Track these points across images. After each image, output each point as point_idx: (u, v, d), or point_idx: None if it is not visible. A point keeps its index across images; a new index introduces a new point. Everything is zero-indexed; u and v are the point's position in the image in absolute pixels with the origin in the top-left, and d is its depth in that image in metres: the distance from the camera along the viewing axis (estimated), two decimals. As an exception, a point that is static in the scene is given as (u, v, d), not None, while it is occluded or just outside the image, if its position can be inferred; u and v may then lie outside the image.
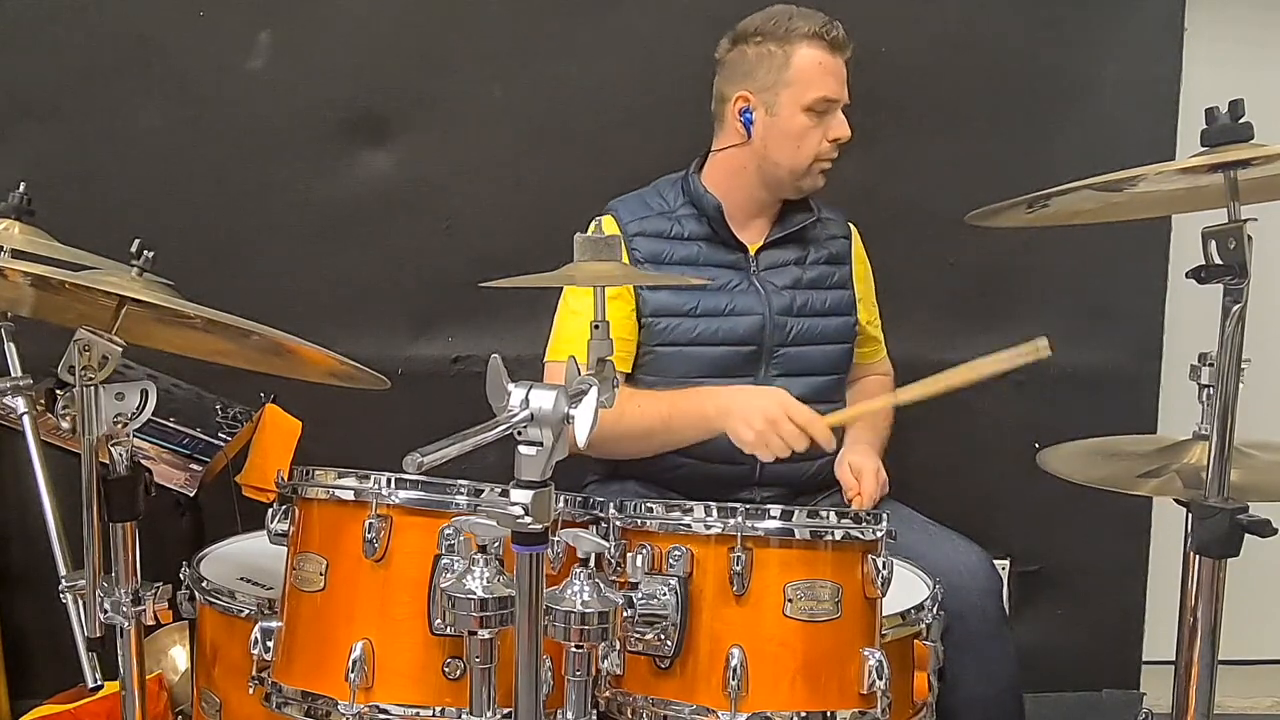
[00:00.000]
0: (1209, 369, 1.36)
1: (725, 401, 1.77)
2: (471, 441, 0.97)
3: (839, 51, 1.88)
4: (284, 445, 2.06)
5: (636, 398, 1.84)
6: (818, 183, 1.94)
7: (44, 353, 1.70)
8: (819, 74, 1.87)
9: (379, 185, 2.29)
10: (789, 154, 1.91)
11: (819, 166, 1.92)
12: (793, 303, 1.95)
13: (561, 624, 1.19)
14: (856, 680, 1.34)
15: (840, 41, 1.88)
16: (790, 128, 1.89)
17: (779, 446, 1.69)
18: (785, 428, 1.69)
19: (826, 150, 1.90)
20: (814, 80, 1.87)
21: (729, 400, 1.77)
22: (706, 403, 1.79)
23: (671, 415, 1.82)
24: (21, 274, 1.36)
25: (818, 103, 1.87)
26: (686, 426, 1.81)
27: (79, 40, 2.20)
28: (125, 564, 1.38)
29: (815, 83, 1.87)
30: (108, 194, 2.23)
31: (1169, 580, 1.62)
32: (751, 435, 1.70)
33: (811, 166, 1.91)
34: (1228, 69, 2.42)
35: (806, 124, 1.88)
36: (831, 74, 1.88)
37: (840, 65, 1.89)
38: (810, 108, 1.87)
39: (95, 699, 1.92)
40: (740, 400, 1.76)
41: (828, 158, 1.92)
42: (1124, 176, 1.27)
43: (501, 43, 2.28)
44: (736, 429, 1.72)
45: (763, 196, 1.96)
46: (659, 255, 1.91)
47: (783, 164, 1.92)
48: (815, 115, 1.88)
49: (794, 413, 1.71)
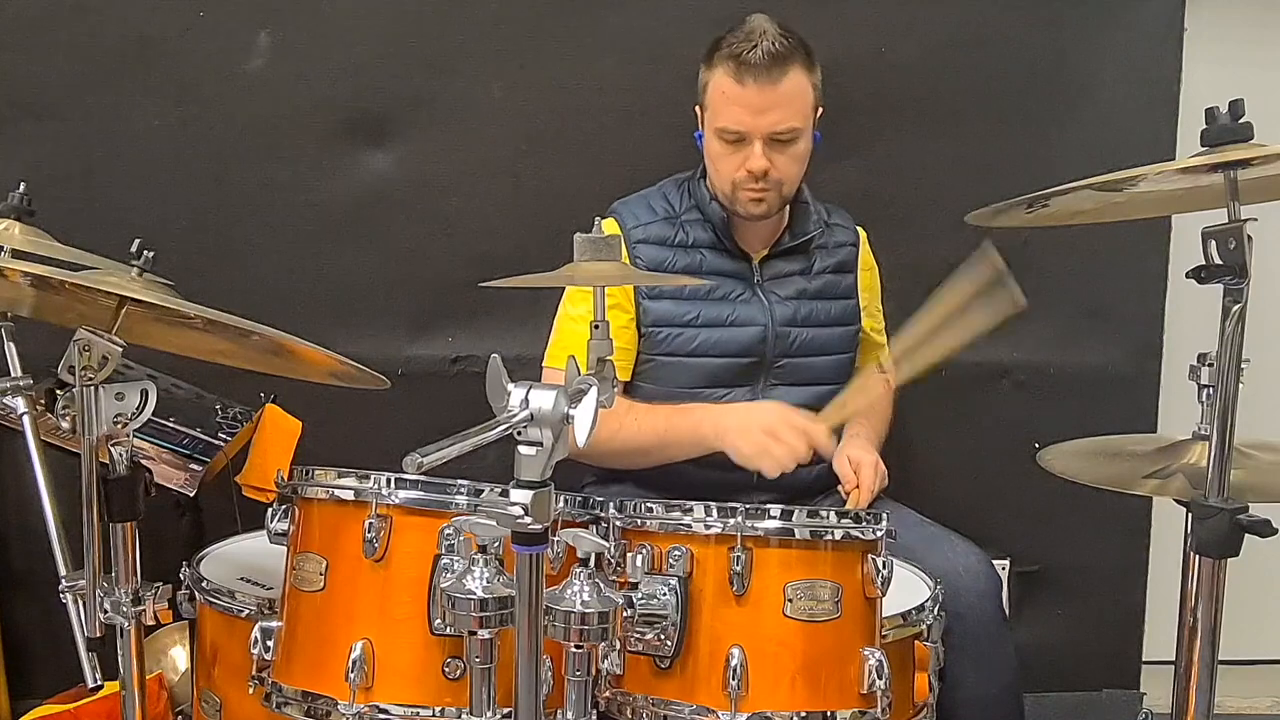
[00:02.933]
0: (1209, 369, 1.36)
1: (723, 421, 1.76)
2: (471, 441, 0.98)
3: (754, 78, 1.76)
4: (284, 445, 2.06)
5: (634, 412, 1.83)
6: (751, 210, 1.85)
7: (44, 353, 1.70)
8: (723, 103, 1.81)
9: (379, 185, 2.29)
10: (715, 177, 1.89)
11: (743, 195, 1.84)
12: (796, 313, 1.93)
13: (561, 624, 1.19)
14: (856, 680, 1.34)
15: (756, 66, 1.75)
16: (710, 150, 1.87)
17: (781, 456, 1.67)
18: (785, 436, 1.68)
19: (743, 179, 1.82)
20: (719, 109, 1.82)
21: (726, 419, 1.76)
22: (704, 423, 1.78)
23: (668, 432, 1.81)
24: (21, 274, 1.36)
25: (722, 133, 1.81)
26: (682, 444, 1.80)
27: (79, 40, 2.20)
28: (125, 564, 1.38)
29: (720, 111, 1.82)
30: (108, 194, 2.23)
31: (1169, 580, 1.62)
32: (751, 449, 1.69)
33: (736, 194, 1.84)
34: (1228, 69, 2.42)
35: (719, 150, 1.84)
36: (737, 104, 1.78)
37: (754, 94, 1.77)
38: (719, 137, 1.83)
39: (95, 699, 1.92)
40: (737, 418, 1.75)
41: (747, 187, 1.82)
42: (1124, 176, 1.27)
43: (501, 43, 2.28)
44: (736, 445, 1.71)
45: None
46: (661, 263, 1.89)
47: (716, 187, 1.90)
48: (726, 144, 1.82)
49: (792, 420, 1.71)
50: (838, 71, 2.10)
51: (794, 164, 1.86)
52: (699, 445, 1.78)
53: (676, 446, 1.81)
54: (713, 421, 1.77)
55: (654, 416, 1.84)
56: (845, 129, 2.26)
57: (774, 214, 1.90)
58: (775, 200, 1.87)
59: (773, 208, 1.87)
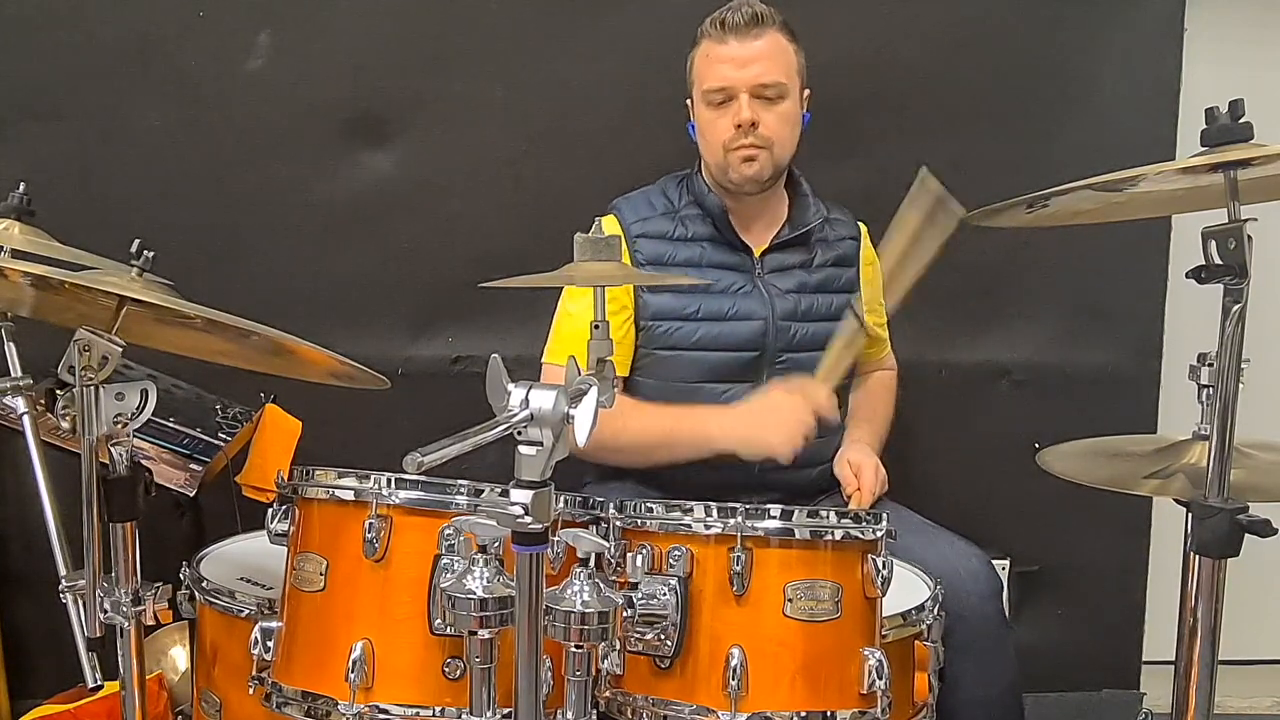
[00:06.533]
0: (1209, 369, 1.36)
1: (729, 424, 1.77)
2: (471, 441, 0.98)
3: (736, 35, 1.82)
4: (284, 445, 2.06)
5: (639, 411, 1.83)
6: (743, 172, 1.86)
7: (44, 353, 1.70)
8: (706, 65, 1.87)
9: (379, 185, 2.29)
10: (706, 149, 1.91)
11: (736, 156, 1.85)
12: (797, 307, 1.92)
13: (561, 624, 1.19)
14: (856, 680, 1.34)
15: (737, 25, 1.82)
16: (700, 124, 1.90)
17: (790, 440, 1.70)
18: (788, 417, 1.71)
19: (734, 137, 1.84)
20: (704, 73, 1.87)
21: (732, 422, 1.77)
22: (710, 425, 1.78)
23: (673, 432, 1.82)
24: (21, 274, 1.36)
25: (710, 94, 1.85)
26: (688, 446, 1.80)
27: (79, 40, 2.20)
28: (125, 564, 1.38)
29: (705, 75, 1.86)
30: (108, 194, 2.23)
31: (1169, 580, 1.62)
32: (759, 445, 1.71)
33: (728, 157, 1.86)
34: (1228, 69, 2.42)
35: (709, 116, 1.87)
36: (720, 62, 1.84)
37: (736, 49, 1.82)
38: (707, 101, 1.86)
39: (95, 699, 1.92)
40: (743, 421, 1.76)
41: (738, 144, 1.84)
42: (1124, 176, 1.27)
43: (501, 43, 2.28)
44: (746, 444, 1.72)
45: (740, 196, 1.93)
46: (661, 257, 1.90)
47: (709, 161, 1.92)
48: (714, 107, 1.86)
49: (791, 399, 1.73)
50: (838, 71, 2.10)
51: (782, 124, 1.86)
52: (705, 448, 1.78)
53: (681, 448, 1.81)
54: (719, 424, 1.77)
55: (659, 417, 1.83)
56: (845, 129, 2.26)
57: (766, 180, 1.89)
58: (767, 162, 1.86)
59: (765, 170, 1.87)
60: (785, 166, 1.92)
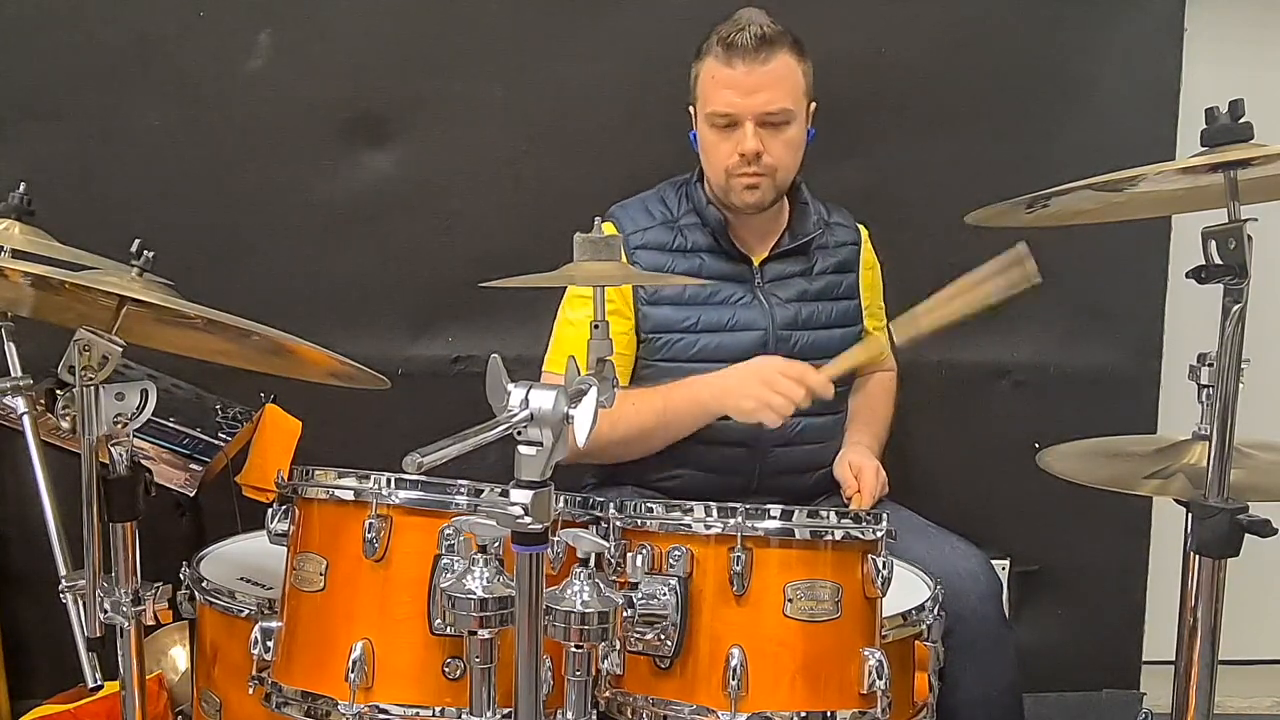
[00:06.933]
0: (1209, 369, 1.36)
1: (718, 383, 1.76)
2: (471, 441, 0.98)
3: (743, 59, 1.77)
4: (284, 445, 2.05)
5: (630, 397, 1.82)
6: (746, 199, 1.84)
7: (44, 353, 1.70)
8: (711, 88, 1.82)
9: (379, 185, 2.29)
10: (709, 168, 1.89)
11: (738, 182, 1.83)
12: (797, 316, 1.92)
13: (561, 624, 1.19)
14: (856, 680, 1.34)
15: (744, 48, 1.77)
16: (704, 142, 1.87)
17: (781, 404, 1.67)
18: (781, 384, 1.68)
19: (736, 165, 1.81)
20: (708, 95, 1.83)
21: (721, 381, 1.76)
22: (700, 390, 1.78)
23: (666, 408, 1.81)
24: (21, 274, 1.36)
25: (713, 117, 1.82)
26: (684, 417, 1.80)
27: (79, 40, 2.20)
28: (125, 564, 1.38)
29: (709, 97, 1.83)
30: (108, 194, 2.23)
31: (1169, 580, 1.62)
32: (751, 403, 1.69)
33: (730, 182, 1.84)
34: (1228, 69, 2.42)
35: (713, 138, 1.84)
36: (726, 87, 1.79)
37: (743, 75, 1.77)
38: (711, 123, 1.83)
39: (95, 699, 1.92)
40: (733, 378, 1.75)
41: (740, 172, 1.82)
42: (1124, 176, 1.27)
43: (501, 43, 2.28)
44: (737, 404, 1.71)
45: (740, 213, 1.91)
46: (661, 268, 1.88)
47: (710, 178, 1.90)
48: (718, 129, 1.82)
49: (786, 368, 1.71)
50: (838, 71, 2.10)
51: (787, 150, 1.84)
52: (699, 412, 1.78)
53: (678, 421, 1.81)
54: (709, 386, 1.77)
55: (651, 397, 1.82)
56: (845, 129, 2.26)
57: (768, 205, 1.88)
58: (769, 189, 1.85)
59: (766, 196, 1.86)
60: (788, 188, 1.92)
